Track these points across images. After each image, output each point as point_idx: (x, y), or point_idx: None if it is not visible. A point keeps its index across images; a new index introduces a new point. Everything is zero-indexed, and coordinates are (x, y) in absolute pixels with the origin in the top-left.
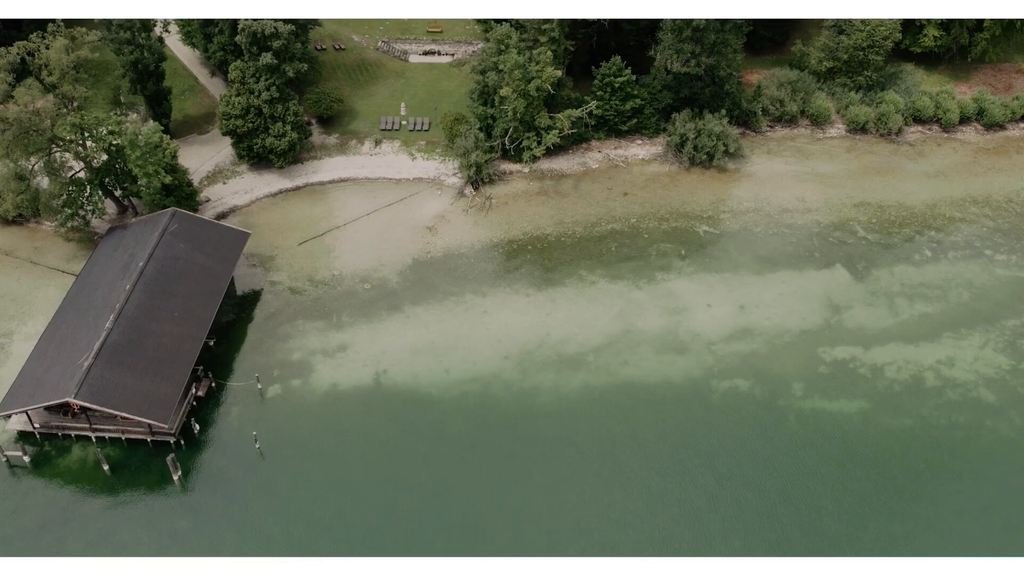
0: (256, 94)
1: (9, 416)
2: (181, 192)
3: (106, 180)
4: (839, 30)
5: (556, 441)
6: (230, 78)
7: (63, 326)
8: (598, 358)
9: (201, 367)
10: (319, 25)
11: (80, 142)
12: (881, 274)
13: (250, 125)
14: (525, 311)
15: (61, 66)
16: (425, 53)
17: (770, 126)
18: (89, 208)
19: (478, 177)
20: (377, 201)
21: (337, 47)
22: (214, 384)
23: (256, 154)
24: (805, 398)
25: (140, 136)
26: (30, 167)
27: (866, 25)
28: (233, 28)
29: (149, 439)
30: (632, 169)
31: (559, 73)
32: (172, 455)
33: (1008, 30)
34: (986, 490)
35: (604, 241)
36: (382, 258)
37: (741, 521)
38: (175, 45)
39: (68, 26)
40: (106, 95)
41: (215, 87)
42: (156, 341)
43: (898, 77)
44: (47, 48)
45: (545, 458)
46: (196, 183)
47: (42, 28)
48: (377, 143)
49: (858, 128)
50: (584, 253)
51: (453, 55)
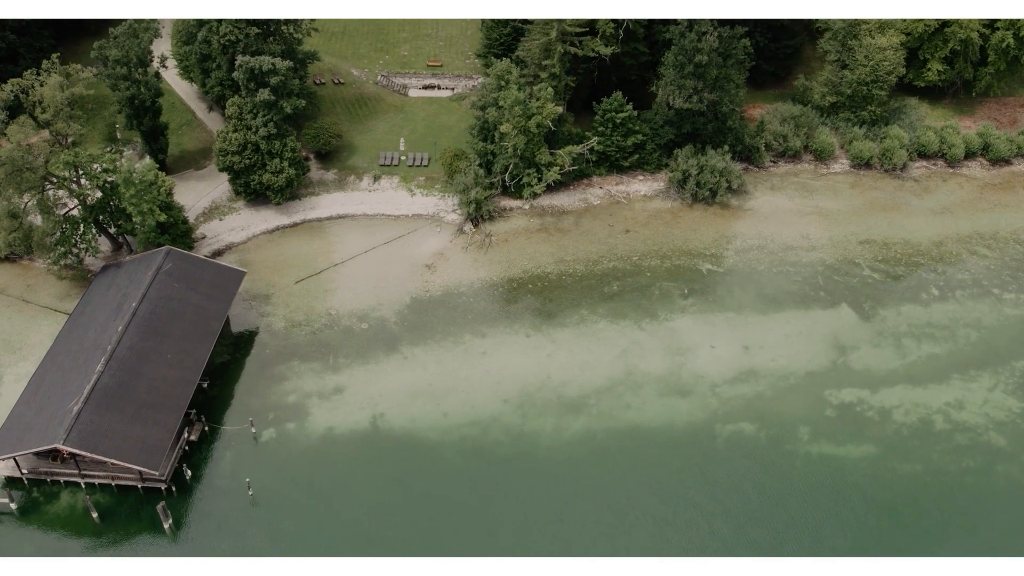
0: (253, 130)
1: None
2: (176, 230)
3: (100, 217)
4: (842, 64)
5: (557, 488)
6: (227, 114)
7: (53, 368)
8: (600, 401)
9: (194, 410)
10: (318, 59)
11: (74, 179)
12: (888, 314)
13: (247, 161)
14: (525, 352)
15: (55, 103)
16: (425, 87)
17: (773, 161)
18: (83, 246)
19: (478, 214)
20: (375, 238)
21: (336, 81)
22: (207, 428)
23: (253, 190)
24: (812, 443)
25: (134, 174)
26: (23, 205)
27: (869, 60)
28: (231, 63)
29: (140, 485)
30: (634, 205)
31: (560, 109)
32: (163, 503)
33: (1013, 64)
34: (999, 539)
35: (606, 279)
36: (380, 297)
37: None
38: (173, 79)
39: (63, 62)
40: (102, 130)
41: (213, 122)
42: (148, 384)
43: (902, 112)
44: (41, 85)
45: (546, 506)
46: (192, 219)
47: (37, 64)
48: (376, 179)
49: (862, 163)
50: (586, 292)
51: (453, 89)
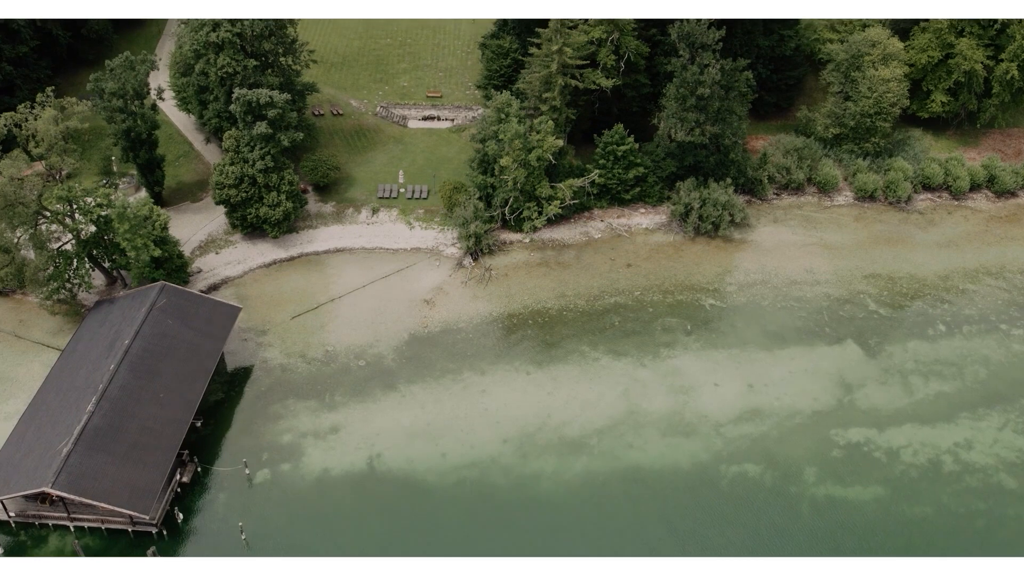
0: (250, 163)
1: None
2: (171, 264)
3: (94, 251)
4: (845, 96)
5: (557, 532)
6: (224, 147)
7: (44, 407)
8: (601, 441)
9: (186, 451)
10: (316, 91)
11: (68, 214)
12: (894, 350)
13: (244, 195)
14: (525, 390)
15: (49, 137)
16: (424, 118)
17: (776, 194)
18: (76, 281)
19: (477, 248)
20: (373, 272)
21: (335, 112)
22: (200, 469)
23: (250, 223)
24: (818, 484)
25: (128, 209)
26: (16, 239)
27: (873, 92)
28: (228, 95)
29: (130, 529)
30: (635, 239)
31: (560, 143)
32: (153, 547)
33: (1017, 96)
34: None
35: (607, 315)
36: (378, 333)
37: None
38: (170, 111)
39: (58, 96)
40: (98, 162)
41: (210, 154)
42: (139, 424)
43: (906, 143)
44: (35, 119)
45: (546, 550)
46: (188, 253)
47: (34, 95)
48: (374, 211)
49: (866, 196)
50: (587, 328)
51: (453, 120)
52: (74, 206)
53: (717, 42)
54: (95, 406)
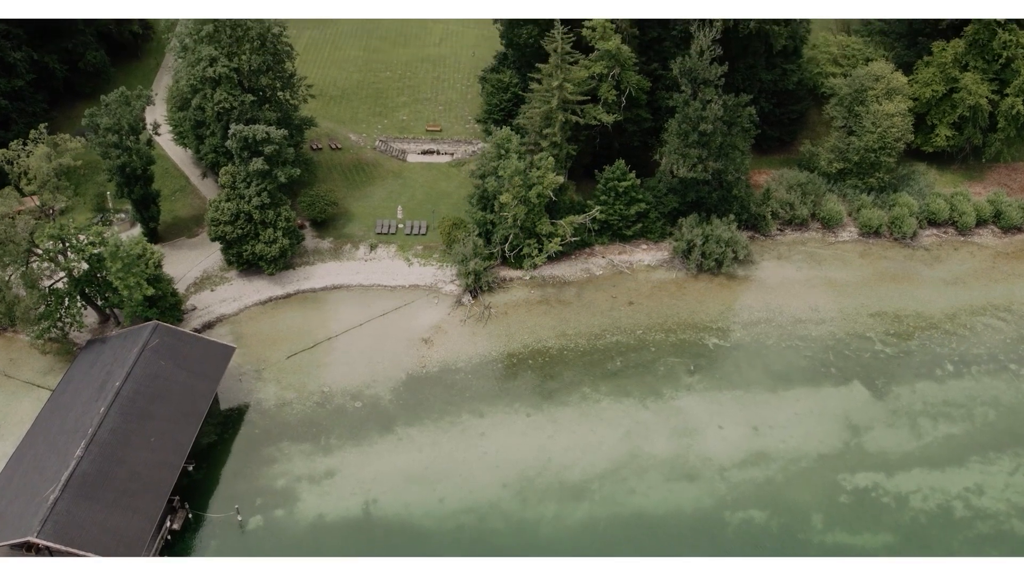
0: (247, 199)
1: None
2: (165, 302)
3: (87, 289)
4: (849, 131)
5: None
6: (220, 183)
7: (31, 451)
8: (603, 486)
9: (177, 497)
10: (315, 125)
11: (60, 252)
12: (902, 391)
13: (240, 231)
14: (525, 432)
15: (42, 174)
16: (424, 152)
17: (780, 230)
18: (68, 320)
19: (476, 285)
20: (371, 310)
21: (333, 147)
22: (191, 515)
23: (246, 260)
24: (826, 532)
25: (121, 248)
26: (7, 278)
27: (877, 127)
28: (225, 130)
29: None
30: (637, 276)
31: (561, 179)
32: None
33: (1023, 131)
34: None
35: (609, 355)
36: (375, 373)
37: None
38: (167, 145)
39: (50, 133)
40: (93, 197)
41: (207, 188)
42: (129, 470)
43: (910, 178)
44: (28, 155)
45: None
46: (183, 289)
47: (29, 130)
48: (372, 247)
49: (871, 232)
50: (588, 368)
51: (452, 154)
52: (66, 244)
53: (719, 77)
54: (84, 451)
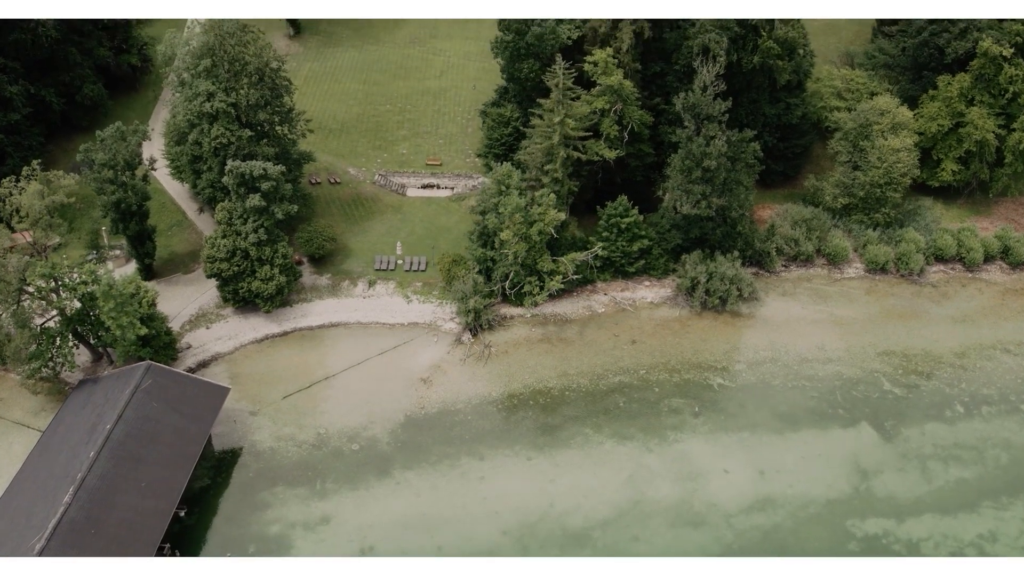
0: (243, 236)
1: None
2: (159, 341)
3: (79, 328)
4: (854, 166)
5: None
6: (216, 219)
7: (19, 497)
8: (605, 533)
9: (168, 544)
10: (313, 160)
11: (52, 290)
12: (911, 433)
13: (236, 268)
14: (526, 476)
15: (34, 212)
16: (424, 187)
17: (785, 266)
18: (59, 360)
19: (476, 323)
20: (369, 348)
21: (332, 181)
22: None
23: (242, 297)
24: None
25: (114, 287)
26: None
27: (883, 162)
28: (222, 165)
29: None
30: (640, 313)
31: (562, 216)
32: None
33: None
34: None
35: (611, 395)
36: (372, 414)
37: None
38: (164, 179)
39: (47, 167)
40: (87, 232)
41: (204, 223)
42: (119, 517)
43: (917, 213)
44: (20, 193)
45: None
46: (178, 327)
47: (23, 166)
48: (371, 284)
49: (877, 268)
50: (590, 409)
51: (452, 189)
52: (58, 282)
53: (723, 113)
54: (72, 497)
